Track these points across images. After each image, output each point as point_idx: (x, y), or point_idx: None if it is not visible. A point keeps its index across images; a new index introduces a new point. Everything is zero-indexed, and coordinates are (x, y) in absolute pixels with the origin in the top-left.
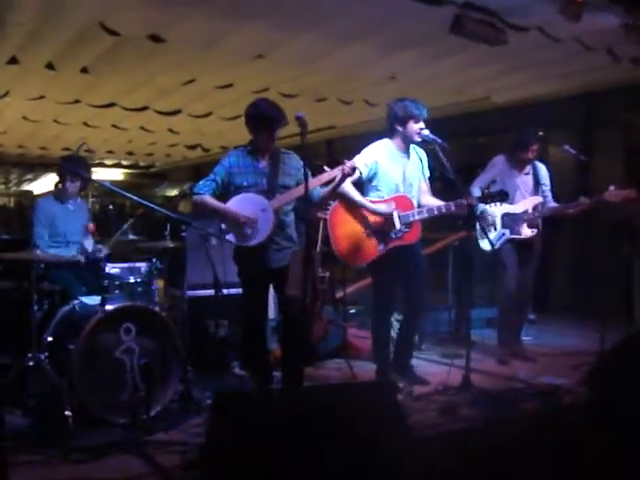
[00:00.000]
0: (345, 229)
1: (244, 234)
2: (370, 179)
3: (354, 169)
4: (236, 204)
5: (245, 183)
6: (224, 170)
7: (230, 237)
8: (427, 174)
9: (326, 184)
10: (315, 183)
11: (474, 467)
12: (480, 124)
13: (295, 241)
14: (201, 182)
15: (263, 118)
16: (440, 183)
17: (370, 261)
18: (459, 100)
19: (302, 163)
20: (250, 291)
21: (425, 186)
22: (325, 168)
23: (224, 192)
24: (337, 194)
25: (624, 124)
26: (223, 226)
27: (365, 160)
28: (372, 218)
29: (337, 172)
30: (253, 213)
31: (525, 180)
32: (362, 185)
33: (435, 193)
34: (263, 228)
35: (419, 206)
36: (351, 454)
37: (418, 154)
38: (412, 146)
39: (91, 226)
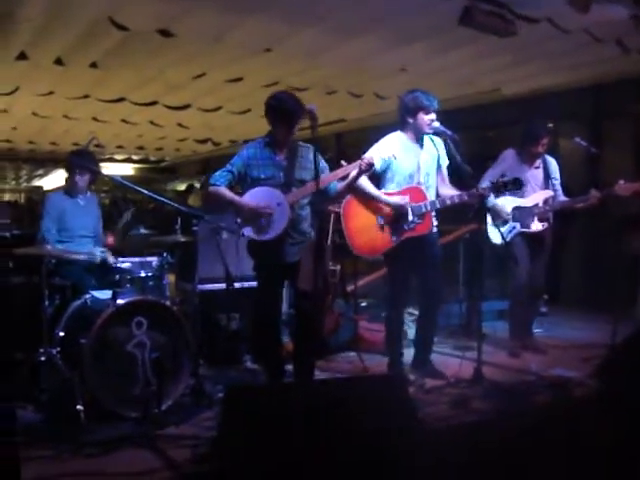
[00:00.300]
0: (358, 221)
1: (260, 228)
2: (384, 171)
3: (371, 165)
4: (252, 197)
5: (262, 176)
6: (241, 161)
7: (246, 231)
8: (445, 163)
9: (342, 178)
10: (330, 178)
11: (485, 460)
12: (490, 116)
13: (311, 235)
14: (217, 173)
15: (283, 110)
16: (450, 174)
17: (384, 252)
18: (469, 92)
19: (317, 157)
20: (265, 285)
21: (443, 176)
22: (342, 163)
23: (240, 184)
24: (352, 187)
25: (634, 116)
26: (239, 220)
27: (378, 153)
28: (385, 210)
29: (353, 168)
30: (269, 206)
31: (535, 174)
32: (376, 177)
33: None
34: (279, 222)
35: (437, 196)
36: (362, 447)
37: (434, 143)
38: (429, 136)
39: (110, 239)
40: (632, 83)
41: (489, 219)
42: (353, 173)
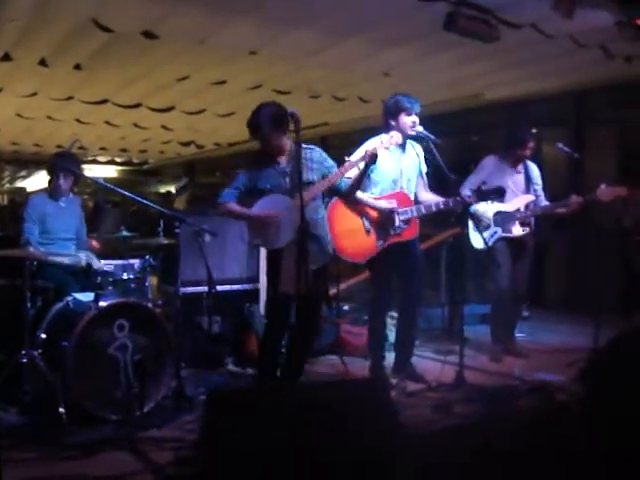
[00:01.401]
0: (344, 225)
1: (268, 237)
2: (368, 174)
3: (375, 155)
4: (259, 207)
5: (268, 186)
6: (246, 178)
7: (257, 242)
8: (424, 169)
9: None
10: (337, 177)
11: (467, 464)
12: (473, 121)
13: (328, 241)
14: (225, 191)
15: (274, 119)
16: (433, 179)
17: (369, 257)
18: (452, 97)
19: (324, 156)
20: (275, 291)
21: (422, 181)
22: (346, 159)
23: (250, 197)
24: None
25: (617, 122)
26: (248, 232)
27: (362, 151)
28: (371, 214)
29: (359, 161)
30: (277, 212)
31: (517, 179)
32: (361, 181)
33: (429, 189)
34: (286, 229)
35: (416, 201)
36: (344, 450)
37: (415, 149)
38: (409, 141)
39: (94, 243)
40: (616, 89)
41: (471, 224)
42: (361, 165)
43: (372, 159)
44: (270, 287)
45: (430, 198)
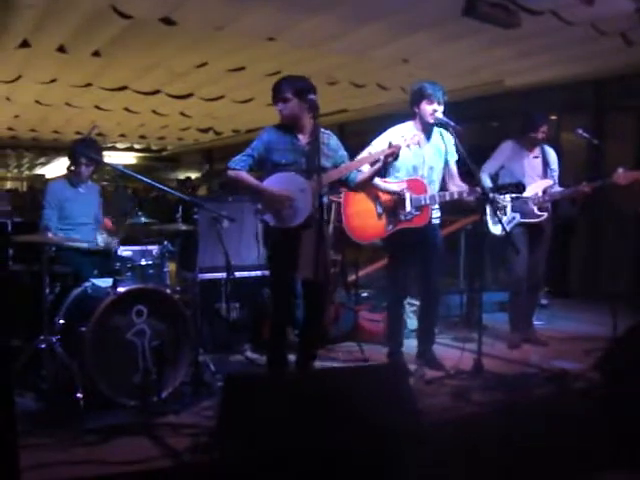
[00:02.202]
0: (357, 207)
1: (282, 215)
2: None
3: (399, 149)
4: (274, 182)
5: (284, 160)
6: (262, 145)
7: (267, 218)
8: (454, 159)
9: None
10: (355, 165)
11: (484, 452)
12: (493, 107)
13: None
14: (237, 157)
15: (299, 89)
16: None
17: (380, 239)
18: (472, 83)
19: (339, 145)
20: (280, 275)
21: (450, 171)
22: (367, 151)
23: (261, 169)
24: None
25: (636, 109)
26: (259, 206)
27: (385, 142)
28: (384, 198)
29: (379, 155)
30: (292, 193)
31: (534, 164)
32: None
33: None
34: (302, 210)
35: (444, 190)
36: (362, 437)
37: (443, 138)
38: (437, 129)
39: (107, 222)
40: (635, 77)
41: (489, 210)
42: (378, 164)
43: (394, 157)
44: (277, 269)
45: (459, 188)
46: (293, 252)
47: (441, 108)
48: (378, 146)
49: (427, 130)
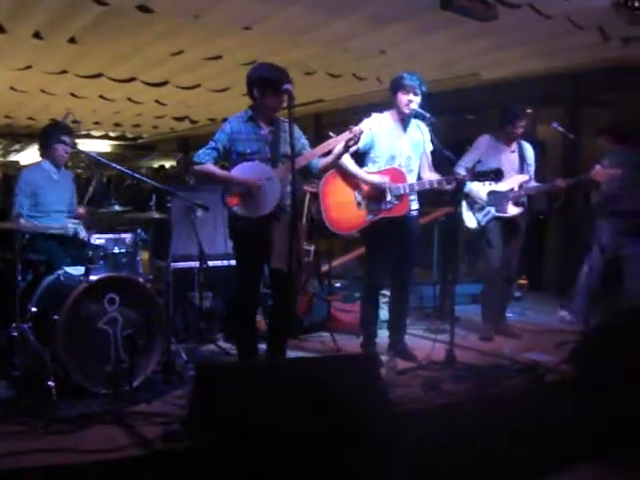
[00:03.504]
0: (336, 197)
1: (250, 204)
2: (367, 150)
3: (361, 133)
4: (241, 172)
5: (248, 150)
6: (226, 136)
7: (236, 209)
8: (429, 148)
9: (327, 153)
10: (319, 151)
11: (456, 443)
12: (468, 100)
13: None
14: (201, 151)
15: (269, 79)
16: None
17: (359, 230)
18: (448, 75)
19: (292, 133)
20: (247, 265)
21: (426, 160)
22: (331, 134)
23: (226, 160)
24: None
25: (612, 103)
26: (227, 197)
27: (365, 128)
28: (364, 188)
29: (343, 139)
30: (259, 182)
31: (511, 158)
32: (359, 156)
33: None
34: (270, 198)
35: (419, 179)
36: (333, 426)
37: (419, 127)
38: (414, 120)
39: (81, 210)
40: (612, 71)
41: (464, 204)
42: (340, 146)
43: (355, 141)
44: (243, 258)
45: (432, 177)
46: (261, 241)
47: (417, 99)
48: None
49: (404, 120)
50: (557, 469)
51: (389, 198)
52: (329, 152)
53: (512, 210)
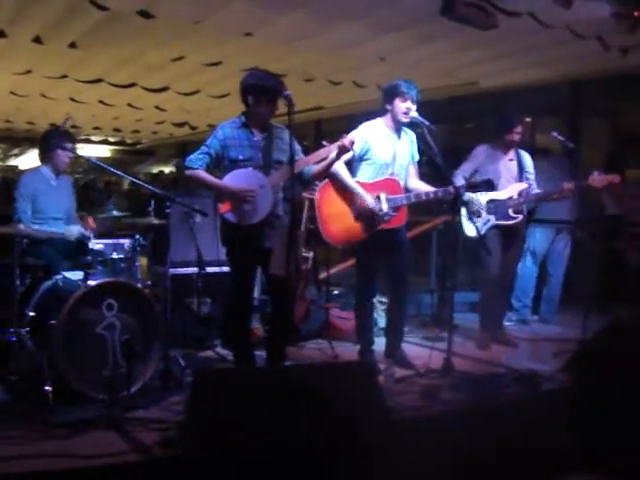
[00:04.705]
0: (333, 209)
1: (243, 212)
2: (361, 158)
3: (352, 144)
4: (233, 180)
5: (241, 157)
6: (218, 142)
7: (228, 216)
8: (416, 157)
9: (321, 161)
10: (313, 159)
11: (453, 451)
12: (467, 109)
13: (285, 220)
14: (193, 155)
15: (263, 87)
16: (427, 167)
17: (355, 242)
18: (447, 84)
19: (292, 138)
20: (241, 271)
21: (413, 169)
22: (324, 143)
23: (218, 166)
24: (328, 173)
25: (612, 113)
26: (220, 205)
27: (358, 137)
28: (359, 201)
29: (335, 147)
30: (252, 189)
31: (509, 166)
32: (353, 164)
33: (422, 177)
34: (263, 205)
35: (406, 189)
36: (330, 433)
37: (409, 136)
38: (404, 128)
39: (90, 221)
40: (611, 81)
41: (464, 212)
42: (332, 155)
43: (346, 150)
44: (237, 266)
45: (420, 186)
46: (254, 248)
47: (414, 107)
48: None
49: (398, 128)
50: (553, 478)
51: (386, 210)
52: (323, 160)
53: (511, 218)
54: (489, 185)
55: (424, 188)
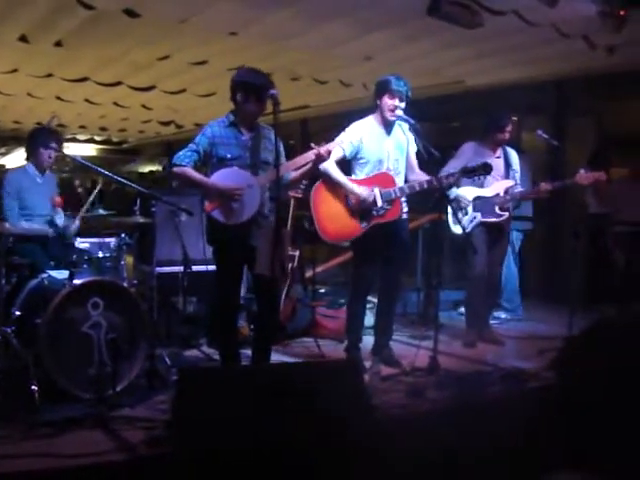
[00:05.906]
0: (328, 207)
1: (230, 211)
2: (355, 156)
3: (329, 153)
4: (221, 178)
5: (229, 155)
6: (207, 140)
7: (215, 214)
8: (414, 150)
9: (301, 167)
10: (291, 166)
11: (439, 450)
12: (453, 107)
13: (271, 219)
14: (181, 153)
15: (253, 84)
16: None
17: (353, 238)
18: (433, 82)
19: (278, 141)
20: (227, 270)
21: (411, 162)
22: (312, 145)
23: (205, 164)
24: (320, 173)
25: (597, 112)
26: (207, 203)
27: (349, 138)
28: (354, 197)
29: (311, 155)
30: (239, 188)
31: (496, 164)
32: (347, 162)
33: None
34: (250, 204)
35: (406, 182)
36: (316, 432)
37: (403, 129)
38: (398, 122)
39: (58, 199)
40: (597, 79)
41: (450, 210)
42: (309, 165)
43: (322, 160)
44: (224, 265)
45: (420, 178)
46: (240, 247)
47: (403, 105)
48: (345, 140)
49: (388, 123)
50: (538, 476)
51: (380, 204)
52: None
53: (497, 215)
54: (486, 168)
55: (423, 179)
